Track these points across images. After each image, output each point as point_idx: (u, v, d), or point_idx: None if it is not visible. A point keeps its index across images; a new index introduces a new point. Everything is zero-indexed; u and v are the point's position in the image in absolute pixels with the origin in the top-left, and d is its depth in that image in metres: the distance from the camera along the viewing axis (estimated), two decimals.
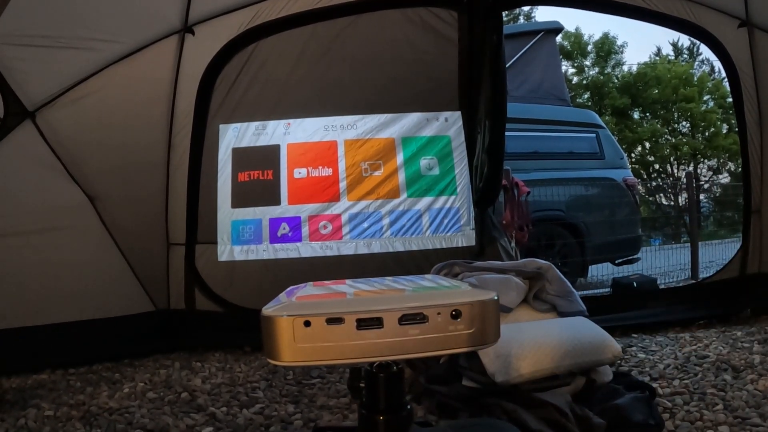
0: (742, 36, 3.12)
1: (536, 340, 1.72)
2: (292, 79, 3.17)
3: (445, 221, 3.18)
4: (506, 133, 3.16)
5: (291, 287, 0.54)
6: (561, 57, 13.28)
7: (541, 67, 6.04)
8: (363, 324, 0.36)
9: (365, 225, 3.14)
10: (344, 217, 3.14)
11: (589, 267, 5.44)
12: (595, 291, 4.82)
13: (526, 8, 18.92)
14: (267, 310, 0.38)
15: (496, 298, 0.38)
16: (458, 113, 3.25)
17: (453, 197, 3.20)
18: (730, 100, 4.14)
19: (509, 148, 3.47)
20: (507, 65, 3.44)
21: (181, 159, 3.03)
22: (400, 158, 3.21)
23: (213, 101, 3.11)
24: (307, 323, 0.36)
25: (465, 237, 3.18)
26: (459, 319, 0.36)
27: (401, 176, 3.20)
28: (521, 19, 18.84)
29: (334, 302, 0.39)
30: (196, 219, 3.06)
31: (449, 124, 3.26)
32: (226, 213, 3.11)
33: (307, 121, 3.21)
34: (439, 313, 0.36)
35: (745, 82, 3.16)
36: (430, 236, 3.15)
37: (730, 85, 3.31)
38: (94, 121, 2.74)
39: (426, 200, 3.19)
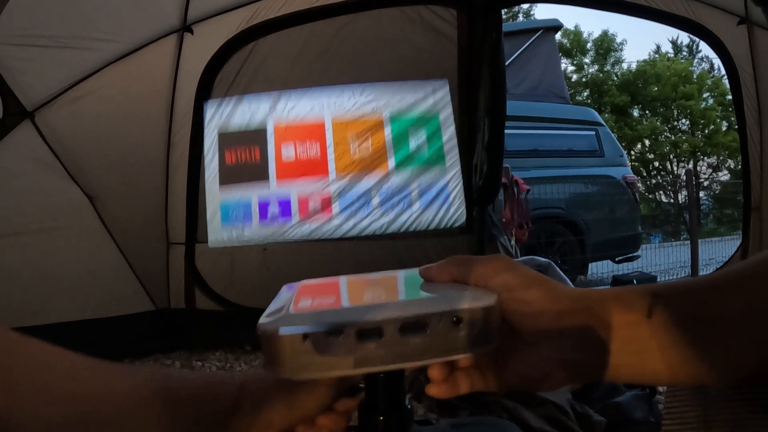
0: (741, 33, 3.12)
1: None
2: (291, 78, 3.17)
3: (435, 196, 3.15)
4: (506, 131, 3.16)
5: (285, 287, 0.54)
6: (560, 55, 13.28)
7: (540, 64, 6.04)
8: (363, 335, 0.36)
9: (354, 201, 3.10)
10: (333, 194, 3.10)
11: (589, 265, 5.45)
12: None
13: (525, 6, 18.95)
14: (263, 323, 0.38)
15: (496, 302, 0.38)
16: (446, 86, 3.19)
17: (442, 171, 3.16)
18: (730, 97, 4.13)
19: (509, 145, 3.48)
20: (506, 63, 3.44)
21: (180, 158, 3.03)
22: (388, 134, 3.16)
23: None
24: (306, 336, 0.35)
25: (454, 211, 3.15)
26: (460, 325, 0.36)
27: (389, 150, 3.15)
28: (520, 17, 18.85)
29: (331, 312, 0.38)
30: (196, 218, 3.06)
31: (437, 98, 3.21)
32: (215, 195, 3.08)
33: (294, 99, 3.16)
34: (440, 321, 0.36)
35: (745, 80, 3.16)
36: (419, 210, 3.13)
37: (729, 83, 3.31)
38: (94, 121, 2.74)
39: (415, 175, 3.15)
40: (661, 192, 18.57)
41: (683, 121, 19.48)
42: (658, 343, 0.39)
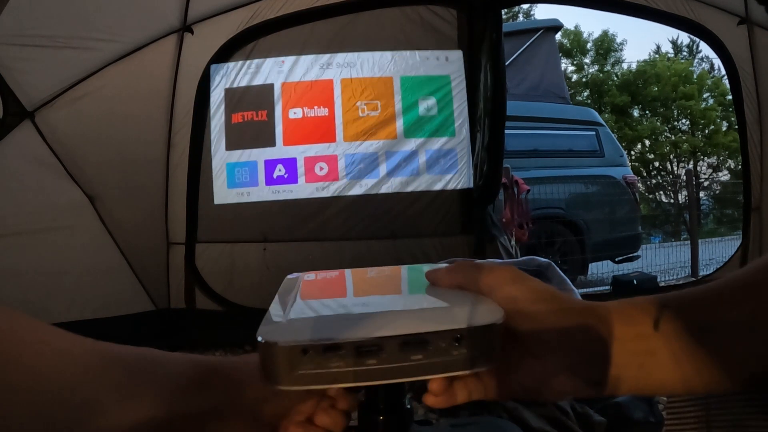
0: (741, 33, 3.12)
1: None
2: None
3: (442, 162, 3.14)
4: (506, 131, 3.16)
5: (288, 278, 0.53)
6: (560, 55, 13.28)
7: (540, 64, 6.04)
8: (363, 350, 0.35)
9: (361, 165, 3.10)
10: (340, 158, 3.10)
11: (589, 265, 5.44)
12: (596, 289, 4.82)
13: (525, 6, 18.94)
14: (264, 332, 0.37)
15: (501, 321, 0.37)
16: (459, 53, 3.17)
17: (451, 138, 3.15)
18: (730, 97, 4.14)
19: (509, 145, 3.48)
20: (506, 63, 3.44)
21: (180, 158, 3.03)
22: (398, 97, 3.14)
23: (211, 106, 3.11)
24: (305, 351, 0.35)
25: (462, 178, 3.15)
26: (462, 343, 0.36)
27: (398, 116, 3.13)
28: (521, 17, 18.84)
29: (332, 323, 0.38)
30: (196, 218, 3.06)
31: (449, 63, 3.19)
32: (221, 155, 3.08)
33: (302, 59, 3.14)
34: (442, 339, 0.36)
35: (745, 80, 3.17)
36: (426, 177, 3.12)
37: (729, 83, 3.31)
38: (94, 121, 2.74)
39: (423, 141, 3.14)
40: (662, 192, 18.54)
41: (683, 121, 19.44)
42: (669, 354, 0.39)
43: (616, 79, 20.07)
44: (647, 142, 19.43)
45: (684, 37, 20.31)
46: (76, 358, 0.40)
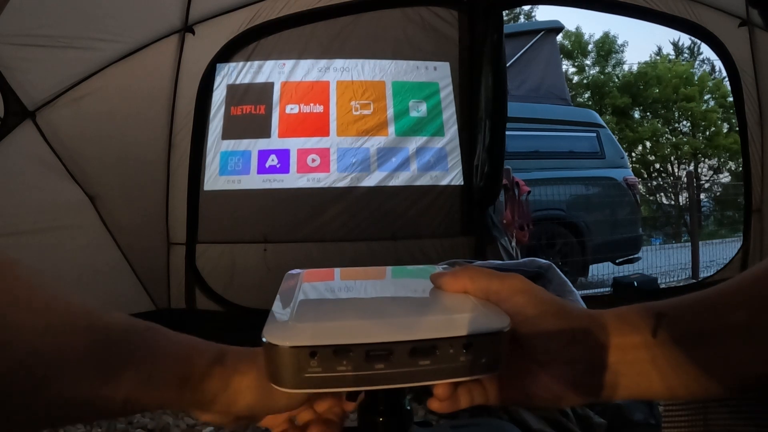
0: (742, 35, 3.12)
1: None
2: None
3: (432, 161, 3.21)
4: (507, 133, 3.17)
5: (288, 275, 0.53)
6: (561, 56, 13.27)
7: (541, 66, 6.04)
8: (372, 354, 0.35)
9: (353, 160, 3.16)
10: (333, 151, 3.16)
11: (590, 266, 5.43)
12: (596, 290, 4.81)
13: (526, 7, 18.95)
14: (269, 333, 0.36)
15: (508, 329, 0.37)
16: (447, 64, 3.27)
17: (441, 138, 3.23)
18: (731, 99, 4.14)
19: (510, 147, 3.48)
20: (507, 64, 3.45)
21: (181, 158, 3.03)
22: (390, 99, 3.22)
23: (213, 101, 3.11)
24: (313, 354, 0.35)
25: (452, 176, 3.20)
26: (469, 349, 0.36)
27: (391, 116, 3.22)
28: (522, 19, 18.85)
29: (340, 327, 0.37)
30: (197, 219, 3.06)
31: (438, 72, 3.27)
32: (216, 145, 3.12)
33: (301, 63, 3.21)
34: (451, 345, 0.36)
35: (746, 82, 3.17)
36: (417, 173, 3.18)
37: (730, 85, 3.31)
38: (95, 121, 2.73)
39: (414, 140, 3.21)
40: (662, 194, 18.51)
41: (684, 122, 19.45)
42: (667, 361, 0.40)
43: (617, 80, 20.08)
44: (648, 144, 19.43)
45: (685, 39, 20.34)
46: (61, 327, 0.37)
